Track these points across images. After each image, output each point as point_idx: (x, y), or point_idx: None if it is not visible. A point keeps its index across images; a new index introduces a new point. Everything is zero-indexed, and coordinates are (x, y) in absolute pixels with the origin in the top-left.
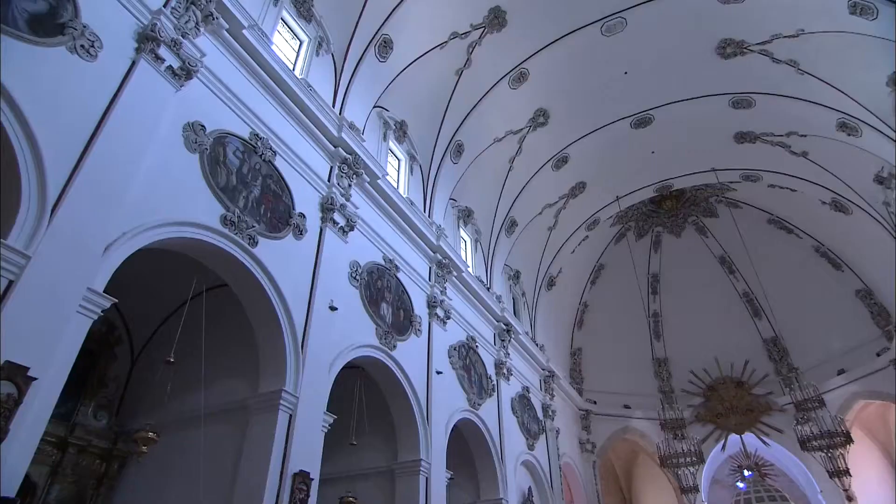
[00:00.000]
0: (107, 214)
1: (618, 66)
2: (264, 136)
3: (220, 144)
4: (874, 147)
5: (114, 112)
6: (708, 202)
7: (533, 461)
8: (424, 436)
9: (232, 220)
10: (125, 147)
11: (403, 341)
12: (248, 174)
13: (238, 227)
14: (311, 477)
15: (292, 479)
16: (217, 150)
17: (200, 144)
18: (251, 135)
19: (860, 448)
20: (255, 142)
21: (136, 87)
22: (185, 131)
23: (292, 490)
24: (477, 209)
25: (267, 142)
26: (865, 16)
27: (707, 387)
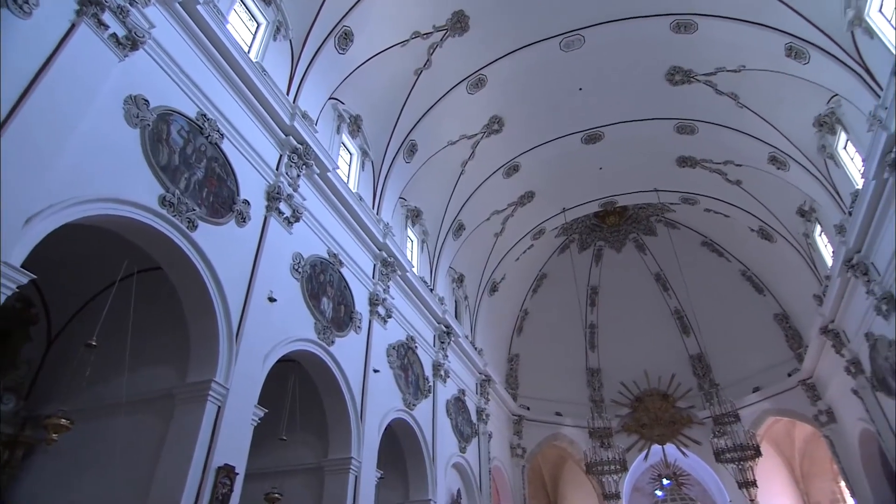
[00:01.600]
0: (31, 184)
1: (573, 81)
2: (212, 117)
3: (163, 122)
4: (799, 182)
5: (47, 75)
6: (648, 221)
7: (464, 463)
8: (357, 434)
9: (171, 202)
10: (57, 114)
11: (342, 337)
12: (193, 155)
13: (177, 209)
14: (237, 472)
15: (216, 473)
16: (160, 128)
17: (142, 119)
18: (198, 115)
19: (767, 461)
20: (202, 122)
21: (75, 52)
22: (127, 104)
23: (215, 484)
24: (426, 210)
25: (215, 123)
26: (799, 59)
27: (635, 398)
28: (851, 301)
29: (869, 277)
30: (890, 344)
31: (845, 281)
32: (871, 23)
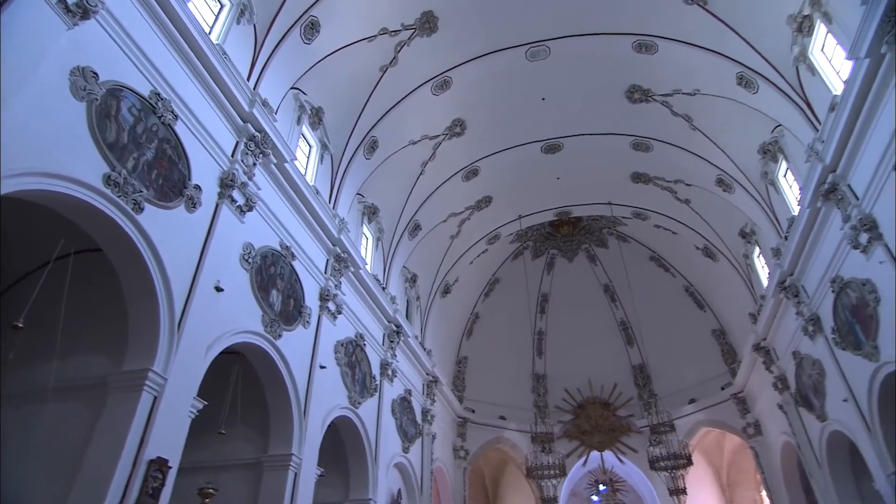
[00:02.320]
0: None
1: (537, 91)
2: (167, 97)
3: (113, 97)
4: (743, 205)
5: None
6: (601, 233)
7: (406, 464)
8: (299, 430)
9: (117, 182)
10: None
11: (290, 331)
12: (143, 135)
13: (123, 189)
14: (170, 465)
15: (147, 466)
16: (109, 103)
17: (90, 93)
18: (152, 93)
19: (697, 470)
20: (155, 101)
21: (18, 15)
22: (73, 76)
23: (146, 478)
24: (383, 208)
25: (169, 104)
26: (749, 89)
27: (578, 405)
28: (783, 321)
29: (799, 299)
30: (814, 363)
31: (778, 301)
32: (814, 61)
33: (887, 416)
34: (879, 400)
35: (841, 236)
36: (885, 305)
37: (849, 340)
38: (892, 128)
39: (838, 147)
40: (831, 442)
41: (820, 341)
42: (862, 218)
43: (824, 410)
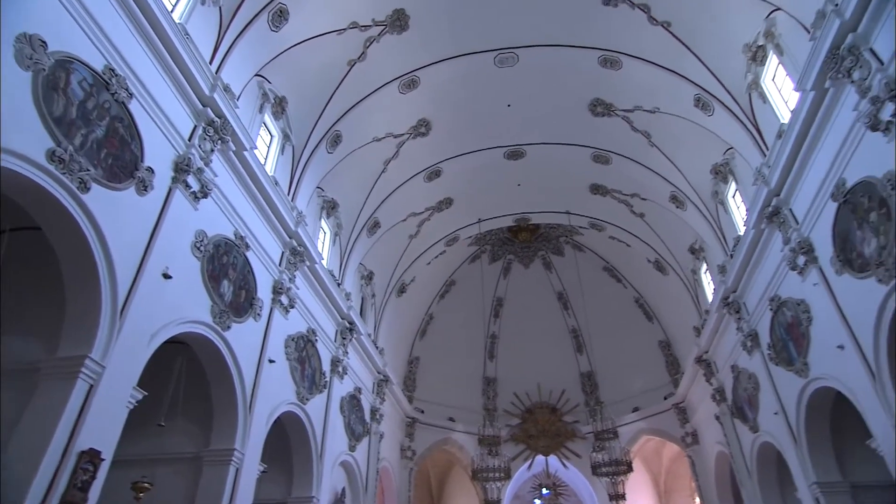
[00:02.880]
0: None
1: (503, 97)
2: (122, 74)
3: (63, 69)
4: (693, 222)
5: None
6: (558, 241)
7: (352, 462)
8: (243, 425)
9: (62, 158)
10: None
11: (240, 323)
12: (94, 111)
13: (68, 166)
14: (102, 457)
15: (77, 458)
16: (58, 75)
17: (37, 63)
18: (105, 68)
19: (637, 476)
20: (108, 77)
21: None
22: (19, 42)
23: (75, 470)
24: (343, 203)
25: (123, 81)
26: (705, 111)
27: (526, 409)
28: (724, 335)
29: (740, 315)
30: (750, 377)
31: (721, 316)
32: (766, 89)
33: (812, 429)
34: (807, 414)
35: (781, 257)
36: (816, 325)
37: (782, 357)
38: (831, 158)
39: (783, 173)
40: (761, 452)
41: (757, 356)
42: (800, 241)
43: (757, 422)
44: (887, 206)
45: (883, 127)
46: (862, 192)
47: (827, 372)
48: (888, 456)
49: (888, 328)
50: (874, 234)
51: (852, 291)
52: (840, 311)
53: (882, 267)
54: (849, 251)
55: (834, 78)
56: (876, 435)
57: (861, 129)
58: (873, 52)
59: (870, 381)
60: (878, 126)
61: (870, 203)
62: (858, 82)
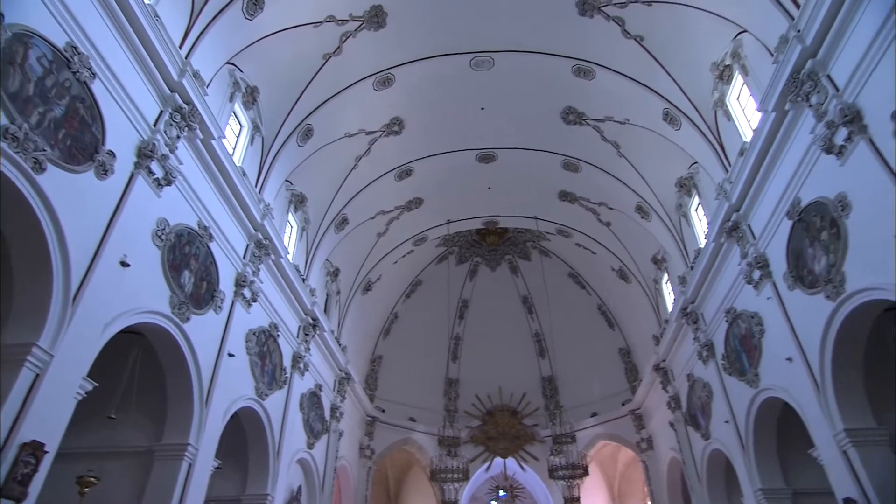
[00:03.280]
0: None
1: (478, 100)
2: (85, 52)
3: (20, 43)
4: (657, 233)
5: None
6: (525, 245)
7: (309, 460)
8: (199, 419)
9: (16, 136)
10: None
11: (200, 315)
12: (53, 90)
13: (23, 145)
14: (46, 449)
15: (19, 450)
16: (15, 49)
17: None
18: (67, 45)
19: (592, 480)
20: (70, 55)
21: None
22: None
23: (15, 462)
24: (311, 197)
25: (86, 60)
26: (673, 125)
27: (487, 412)
28: (682, 345)
29: (698, 326)
30: (704, 385)
31: (679, 326)
32: (730, 107)
33: (760, 437)
34: (755, 423)
35: (738, 271)
36: (768, 337)
37: (735, 367)
38: (788, 178)
39: (743, 189)
40: (711, 459)
41: (711, 366)
42: (757, 256)
43: (709, 430)
44: (837, 227)
45: (836, 151)
46: (815, 212)
47: (776, 383)
48: (828, 464)
49: (833, 343)
50: (825, 252)
51: (802, 306)
52: (790, 325)
53: (830, 284)
54: (801, 268)
55: (794, 101)
56: (818, 444)
57: (816, 151)
58: (830, 78)
59: (814, 392)
60: (832, 149)
61: (822, 223)
62: (816, 106)
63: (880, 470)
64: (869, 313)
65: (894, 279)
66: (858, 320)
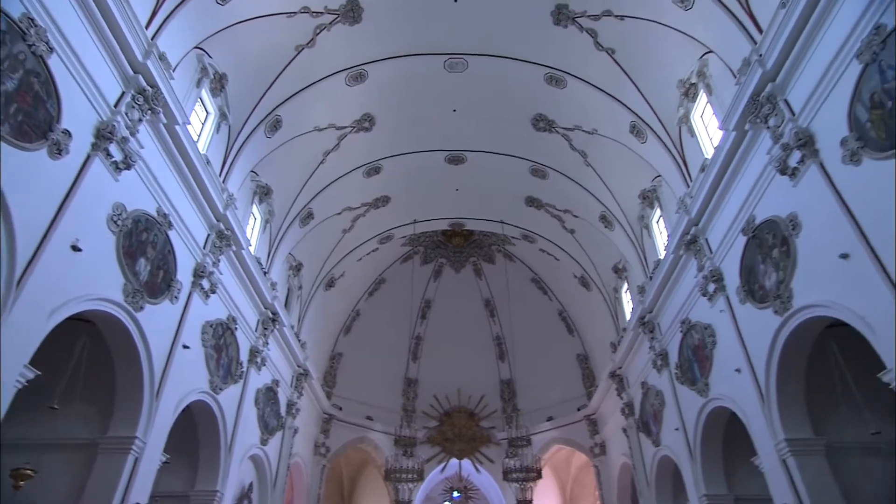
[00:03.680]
0: None
1: (450, 101)
2: (42, 24)
3: None
4: (619, 242)
5: None
6: (490, 249)
7: (262, 456)
8: (148, 412)
9: None
10: None
11: (154, 305)
12: (5, 62)
13: None
14: None
15: None
16: None
17: None
18: (23, 16)
19: (545, 483)
20: (26, 27)
21: None
22: None
23: None
24: (277, 190)
25: (43, 33)
26: (639, 138)
27: (444, 413)
28: (638, 353)
29: (654, 335)
30: (657, 393)
31: (636, 335)
32: (694, 124)
33: (707, 445)
34: (704, 431)
35: (694, 283)
36: (719, 349)
37: (687, 376)
38: (745, 195)
39: (702, 204)
40: (660, 465)
41: (665, 375)
42: (712, 270)
43: (659, 437)
44: (788, 245)
45: (790, 172)
46: (768, 230)
47: (724, 393)
48: (768, 472)
49: (779, 356)
50: (775, 269)
51: (752, 320)
52: (740, 338)
53: (779, 300)
54: (753, 283)
55: (753, 122)
56: (760, 453)
57: (772, 171)
58: (787, 102)
59: (759, 403)
60: (786, 171)
61: (773, 240)
62: (773, 129)
63: (816, 478)
64: (813, 329)
65: (837, 297)
66: (803, 335)
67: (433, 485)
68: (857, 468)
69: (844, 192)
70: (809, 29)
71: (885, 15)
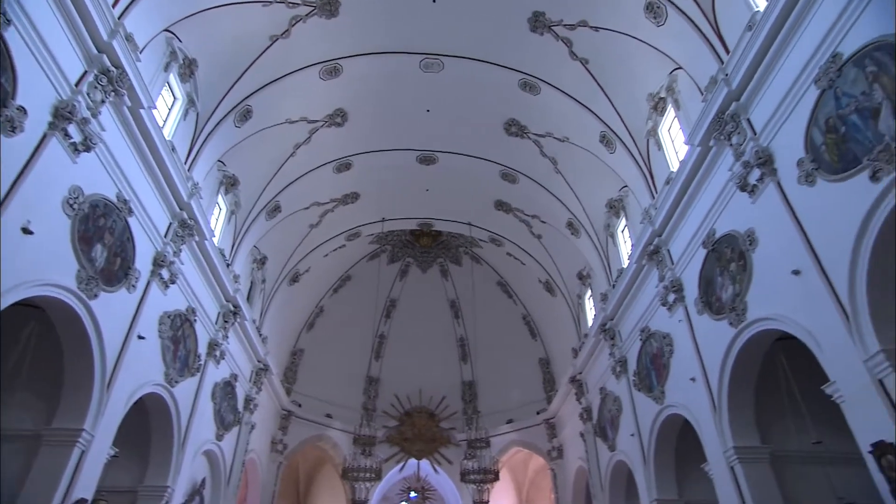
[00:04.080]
0: None
1: (424, 101)
2: None
3: None
4: (585, 250)
5: None
6: (457, 250)
7: (217, 452)
8: (98, 404)
9: None
10: None
11: (110, 293)
12: None
13: None
14: None
15: None
16: None
17: None
18: None
19: (502, 485)
20: None
21: None
22: None
23: None
24: (244, 181)
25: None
26: (609, 148)
27: (405, 412)
28: (598, 359)
29: (614, 342)
30: (615, 399)
31: (598, 341)
32: (661, 138)
33: (660, 451)
34: (658, 437)
35: (655, 293)
36: (676, 358)
37: (645, 384)
38: (706, 209)
39: (666, 216)
40: (615, 470)
41: (623, 381)
42: (673, 280)
43: (615, 442)
44: (745, 259)
45: (749, 189)
46: (727, 244)
47: (679, 401)
48: (716, 479)
49: (732, 366)
50: (731, 282)
51: (708, 331)
52: (696, 347)
53: (734, 312)
54: (710, 294)
55: (717, 139)
56: (710, 460)
57: (732, 187)
58: (750, 122)
59: (711, 412)
60: (746, 187)
61: (731, 254)
62: (735, 146)
63: (760, 485)
64: (764, 341)
65: (788, 312)
66: (755, 347)
67: (391, 484)
68: (798, 476)
69: (799, 211)
70: (773, 52)
71: (843, 44)
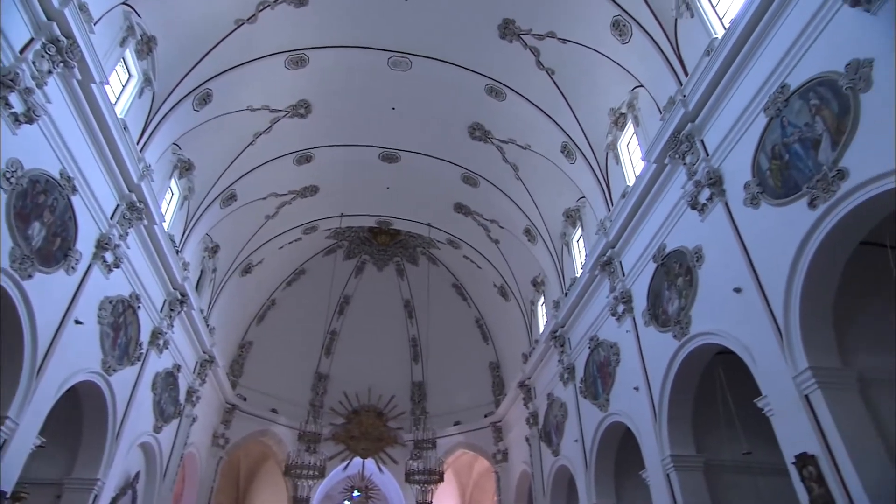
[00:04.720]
0: None
1: (390, 99)
2: None
3: None
4: (540, 257)
5: None
6: (415, 250)
7: (154, 445)
8: (25, 391)
9: None
10: None
11: (46, 274)
12: None
13: None
14: None
15: None
16: None
17: None
18: None
19: (446, 486)
20: None
21: None
22: None
23: None
24: (200, 166)
25: None
26: (569, 158)
27: (352, 410)
28: (547, 365)
29: (564, 349)
30: (561, 405)
31: (548, 347)
32: (620, 152)
33: (601, 457)
34: (600, 444)
35: (605, 303)
36: (622, 367)
37: (591, 391)
38: (658, 224)
39: (620, 229)
40: (558, 474)
41: (570, 388)
42: (623, 292)
43: (559, 447)
44: (691, 275)
45: (699, 207)
46: (675, 259)
47: (622, 409)
48: (653, 486)
49: (673, 378)
50: (678, 296)
51: (654, 342)
52: (642, 358)
53: (678, 325)
54: (657, 307)
55: (672, 157)
56: (648, 467)
57: (684, 205)
58: (703, 143)
59: (652, 420)
60: (696, 206)
61: (679, 269)
62: (689, 166)
63: (693, 493)
64: (705, 354)
65: (728, 327)
66: (696, 360)
67: (334, 483)
68: (729, 485)
69: (743, 232)
70: (728, 78)
71: (791, 76)
